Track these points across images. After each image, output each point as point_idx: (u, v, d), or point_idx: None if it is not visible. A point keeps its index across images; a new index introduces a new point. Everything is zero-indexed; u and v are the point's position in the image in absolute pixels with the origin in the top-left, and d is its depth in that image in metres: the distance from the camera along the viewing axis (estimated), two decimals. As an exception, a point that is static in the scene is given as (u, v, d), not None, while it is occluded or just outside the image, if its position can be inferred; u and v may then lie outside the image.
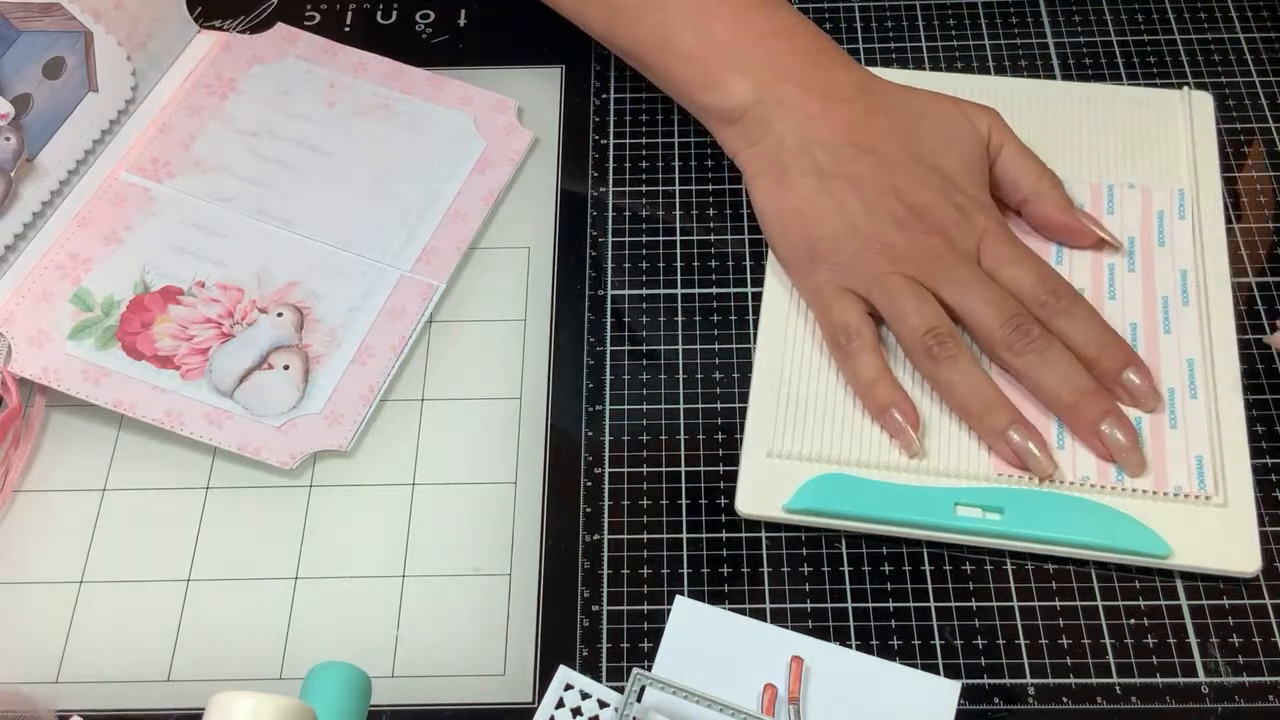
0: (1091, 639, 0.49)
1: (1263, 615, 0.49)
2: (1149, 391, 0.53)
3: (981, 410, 0.52)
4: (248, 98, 0.65)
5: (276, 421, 0.55)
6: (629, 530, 0.52)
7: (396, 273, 0.59)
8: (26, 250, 0.59)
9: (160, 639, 0.50)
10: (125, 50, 0.62)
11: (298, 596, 0.51)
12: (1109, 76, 0.65)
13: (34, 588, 0.52)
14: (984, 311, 0.53)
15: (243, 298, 0.58)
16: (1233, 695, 0.48)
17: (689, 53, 0.58)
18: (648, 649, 0.49)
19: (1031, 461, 0.51)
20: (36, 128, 0.60)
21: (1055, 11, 0.68)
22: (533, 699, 0.48)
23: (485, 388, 0.56)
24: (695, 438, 0.55)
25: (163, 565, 0.52)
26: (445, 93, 0.65)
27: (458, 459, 0.54)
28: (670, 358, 0.57)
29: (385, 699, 0.48)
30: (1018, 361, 0.52)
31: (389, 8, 0.70)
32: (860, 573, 0.51)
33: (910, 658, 0.49)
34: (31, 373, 0.56)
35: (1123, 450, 0.51)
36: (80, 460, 0.55)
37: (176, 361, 0.56)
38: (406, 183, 0.62)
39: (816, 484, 0.51)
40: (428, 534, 0.53)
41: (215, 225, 0.60)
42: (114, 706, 0.49)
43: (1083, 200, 0.59)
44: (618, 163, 0.63)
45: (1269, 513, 0.51)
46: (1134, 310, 0.56)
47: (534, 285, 0.59)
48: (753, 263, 0.60)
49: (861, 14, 0.68)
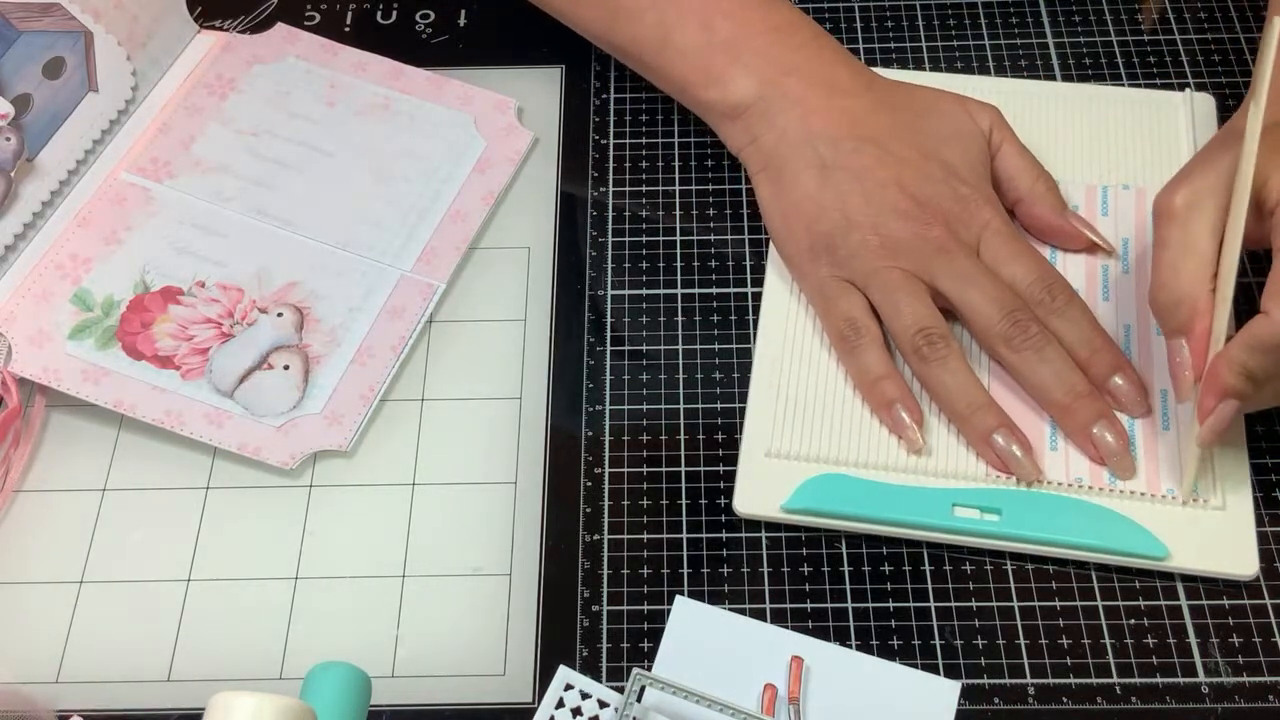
0: (1091, 639, 0.49)
1: (1262, 615, 0.49)
2: (1137, 397, 0.53)
3: (968, 411, 0.52)
4: (248, 98, 0.65)
5: (276, 421, 0.55)
6: (629, 530, 0.52)
7: (396, 273, 0.59)
8: (26, 250, 0.59)
9: (160, 639, 0.50)
10: (125, 50, 0.62)
11: (298, 596, 0.51)
12: (1109, 77, 0.65)
13: (34, 588, 0.52)
14: (984, 306, 0.53)
15: (243, 298, 0.58)
16: (1233, 695, 0.48)
17: (691, 49, 0.58)
18: (648, 649, 0.49)
19: (1015, 466, 0.51)
20: (36, 128, 0.60)
21: (1055, 11, 0.68)
22: (533, 699, 0.48)
23: (485, 388, 0.56)
24: (695, 437, 0.55)
25: (163, 565, 0.52)
26: (445, 93, 0.65)
27: (458, 459, 0.54)
28: (670, 358, 0.57)
29: (385, 699, 0.48)
30: (1014, 358, 0.52)
31: (389, 8, 0.70)
32: (860, 573, 0.51)
33: (910, 658, 0.49)
34: (31, 373, 0.56)
35: (1113, 454, 0.51)
36: (80, 460, 0.55)
37: (176, 361, 0.56)
38: (406, 183, 0.62)
39: (814, 484, 0.51)
40: (428, 534, 0.53)
41: (215, 225, 0.60)
42: (114, 706, 0.49)
43: (1077, 201, 0.59)
44: (618, 163, 0.63)
45: (1269, 513, 0.51)
46: (1127, 312, 0.56)
47: (534, 285, 0.59)
48: (753, 263, 0.60)
49: (861, 14, 0.68)
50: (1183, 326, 0.49)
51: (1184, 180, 0.51)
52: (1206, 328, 0.49)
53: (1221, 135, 0.53)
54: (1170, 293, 0.49)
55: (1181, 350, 0.50)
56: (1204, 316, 0.49)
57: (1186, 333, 0.49)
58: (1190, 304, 0.49)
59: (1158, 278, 0.50)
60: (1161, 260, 0.50)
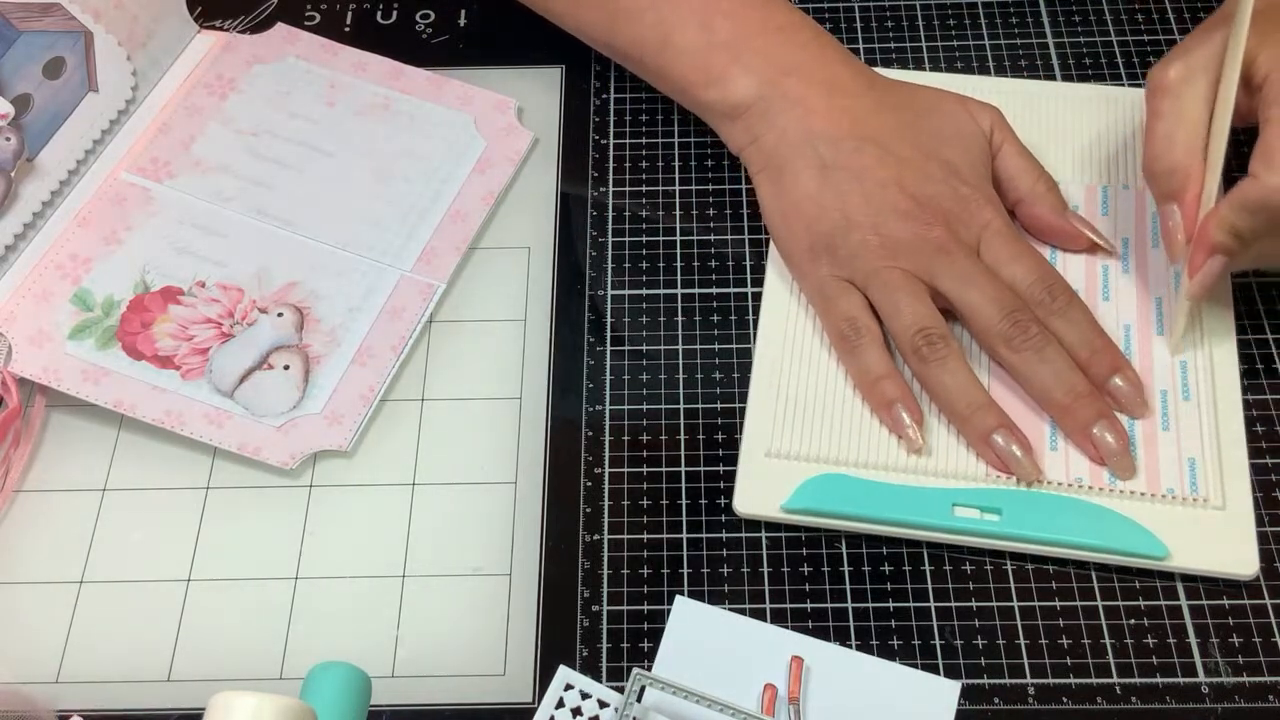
0: (1091, 639, 0.49)
1: (1262, 615, 0.49)
2: (1136, 397, 0.53)
3: (968, 412, 0.52)
4: (248, 98, 0.65)
5: (276, 421, 0.55)
6: (629, 530, 0.52)
7: (396, 273, 0.59)
8: (26, 250, 0.59)
9: (160, 639, 0.50)
10: (125, 50, 0.62)
11: (298, 596, 0.51)
12: (1109, 76, 0.65)
13: (34, 588, 0.52)
14: (984, 306, 0.53)
15: (243, 298, 0.58)
16: (1233, 695, 0.48)
17: (691, 50, 0.58)
18: (648, 649, 0.49)
19: (1015, 465, 0.51)
20: (36, 128, 0.60)
21: (1055, 11, 0.68)
22: (533, 699, 0.48)
23: (485, 388, 0.56)
24: (695, 437, 0.55)
25: (163, 565, 0.52)
26: (445, 93, 0.65)
27: (458, 459, 0.54)
28: (670, 358, 0.57)
29: (385, 699, 0.48)
30: (1014, 358, 0.52)
31: (389, 8, 0.70)
32: (860, 573, 0.51)
33: (910, 658, 0.49)
34: (31, 373, 0.56)
35: (1113, 454, 0.51)
36: (80, 460, 0.55)
37: (176, 361, 0.56)
38: (406, 183, 0.62)
39: (814, 484, 0.51)
40: (428, 534, 0.53)
41: (215, 225, 0.60)
42: (114, 706, 0.49)
43: (1077, 201, 0.59)
44: (618, 163, 0.63)
45: (1268, 513, 0.51)
46: (1127, 311, 0.56)
47: (534, 285, 0.59)
48: (753, 263, 0.60)
49: (861, 14, 0.68)
50: (1175, 192, 0.53)
51: (1178, 55, 0.53)
52: (1198, 193, 0.52)
53: (1217, 16, 0.55)
54: (1165, 161, 0.52)
55: (1174, 214, 0.53)
56: (1196, 183, 0.52)
57: (1179, 198, 0.53)
58: (1183, 172, 0.52)
59: (1152, 148, 0.53)
60: (1156, 130, 0.53)
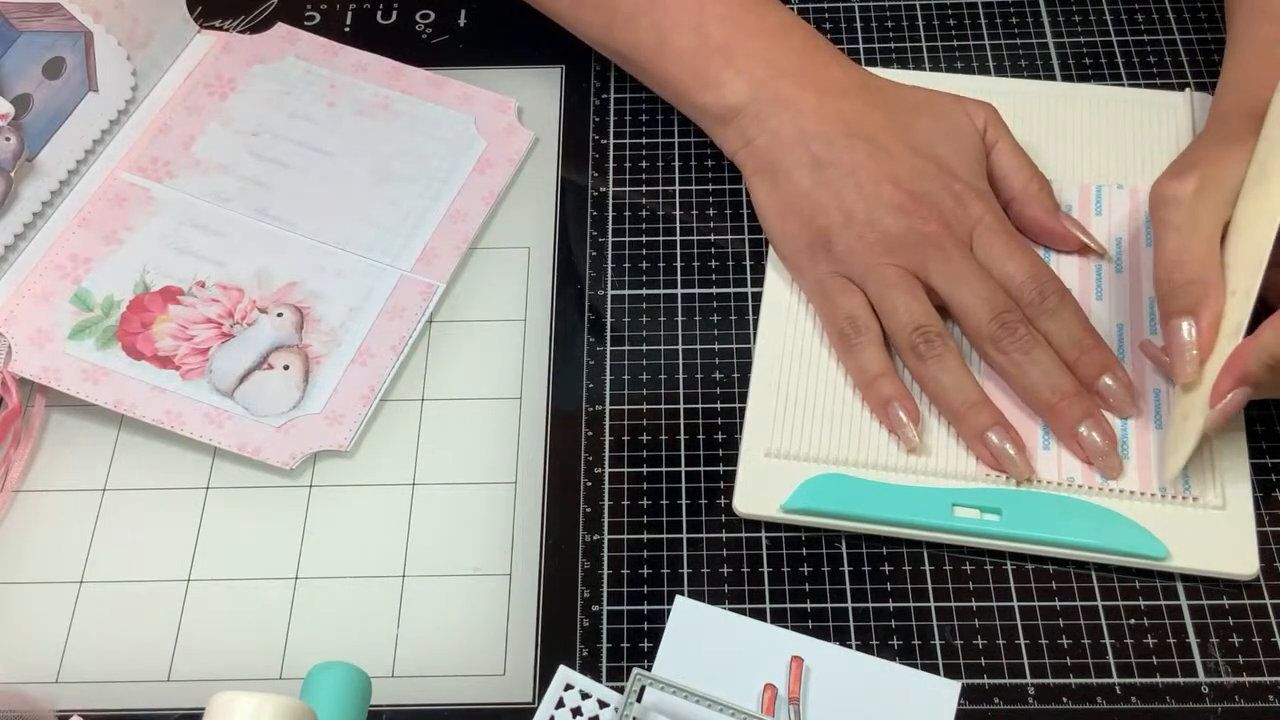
0: (1091, 639, 0.49)
1: (1262, 615, 0.49)
2: (1126, 397, 0.52)
3: (963, 409, 0.52)
4: (248, 98, 0.65)
5: (276, 421, 0.55)
6: (629, 530, 0.52)
7: (396, 273, 0.59)
8: (26, 250, 0.59)
9: (160, 639, 0.50)
10: (125, 50, 0.62)
11: (298, 596, 0.51)
12: (1109, 77, 0.65)
13: (34, 588, 0.52)
14: (974, 305, 0.53)
15: (243, 298, 0.58)
16: (1233, 695, 0.48)
17: (685, 53, 0.58)
18: (648, 649, 0.49)
19: (1008, 464, 0.51)
20: (36, 128, 0.60)
21: (1055, 12, 0.68)
22: (533, 699, 0.48)
23: (485, 388, 0.56)
24: (695, 437, 0.55)
25: (163, 565, 0.52)
26: (445, 93, 0.65)
27: (458, 459, 0.54)
28: (670, 357, 0.57)
29: (385, 699, 0.48)
30: (1002, 359, 0.53)
31: (389, 8, 0.70)
32: (860, 573, 0.51)
33: (910, 658, 0.49)
34: (31, 373, 0.56)
35: (1099, 454, 0.51)
36: (80, 460, 0.55)
37: (176, 361, 0.56)
38: (406, 183, 0.62)
39: (814, 484, 0.51)
40: (428, 534, 0.53)
41: (215, 225, 0.60)
42: (114, 706, 0.49)
43: (1071, 201, 0.59)
44: (618, 162, 0.63)
45: (1268, 513, 0.51)
46: (1120, 311, 0.56)
47: (534, 285, 0.59)
48: (753, 263, 0.60)
49: (861, 14, 0.68)
50: (1192, 307, 0.50)
51: (1190, 168, 0.51)
52: (1216, 310, 0.49)
53: (1225, 131, 0.53)
54: (1184, 273, 0.50)
55: (1188, 330, 0.50)
56: (1215, 299, 0.49)
57: (1195, 313, 0.50)
58: (1202, 285, 0.50)
59: (1167, 259, 0.51)
60: (1169, 242, 0.51)
